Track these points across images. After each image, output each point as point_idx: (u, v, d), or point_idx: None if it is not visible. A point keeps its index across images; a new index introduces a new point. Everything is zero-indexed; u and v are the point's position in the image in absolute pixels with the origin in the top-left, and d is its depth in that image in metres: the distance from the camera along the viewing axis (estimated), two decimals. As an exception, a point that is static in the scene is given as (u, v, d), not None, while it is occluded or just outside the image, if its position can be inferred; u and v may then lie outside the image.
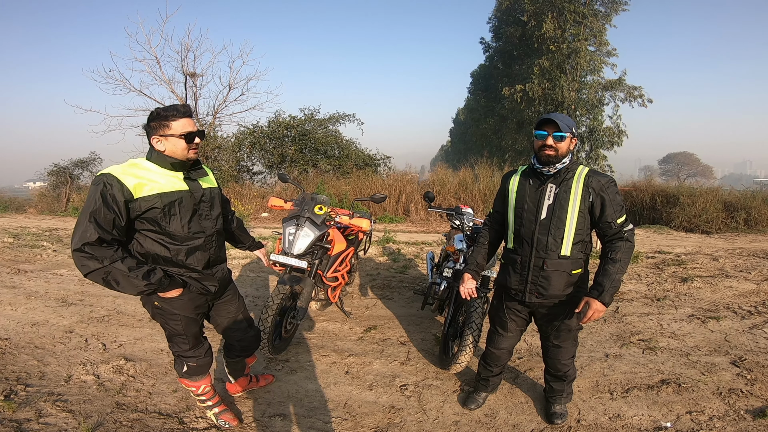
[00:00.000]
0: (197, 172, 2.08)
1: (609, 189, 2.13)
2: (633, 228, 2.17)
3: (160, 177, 1.93)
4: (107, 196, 1.80)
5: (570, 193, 2.15)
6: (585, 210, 2.15)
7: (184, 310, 2.11)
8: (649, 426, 2.46)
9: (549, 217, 2.18)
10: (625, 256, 2.13)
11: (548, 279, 2.23)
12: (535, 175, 2.25)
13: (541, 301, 2.30)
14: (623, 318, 4.16)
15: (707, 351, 3.42)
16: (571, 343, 2.42)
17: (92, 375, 3.01)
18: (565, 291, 2.25)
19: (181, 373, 2.31)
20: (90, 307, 4.41)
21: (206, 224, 2.10)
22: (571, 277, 2.23)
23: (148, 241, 1.96)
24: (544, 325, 2.42)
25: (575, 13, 23.90)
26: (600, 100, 24.88)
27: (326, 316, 4.16)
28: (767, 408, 2.57)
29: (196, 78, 12.91)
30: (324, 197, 3.46)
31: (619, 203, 2.14)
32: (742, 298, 4.78)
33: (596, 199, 2.14)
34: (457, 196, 11.22)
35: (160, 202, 1.90)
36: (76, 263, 1.80)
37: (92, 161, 15.38)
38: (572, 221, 2.15)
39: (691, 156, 54.74)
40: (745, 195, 11.18)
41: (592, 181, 2.14)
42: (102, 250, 1.79)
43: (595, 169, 2.28)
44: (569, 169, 2.18)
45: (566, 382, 2.52)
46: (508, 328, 2.49)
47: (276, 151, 13.83)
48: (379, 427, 2.49)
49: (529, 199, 2.24)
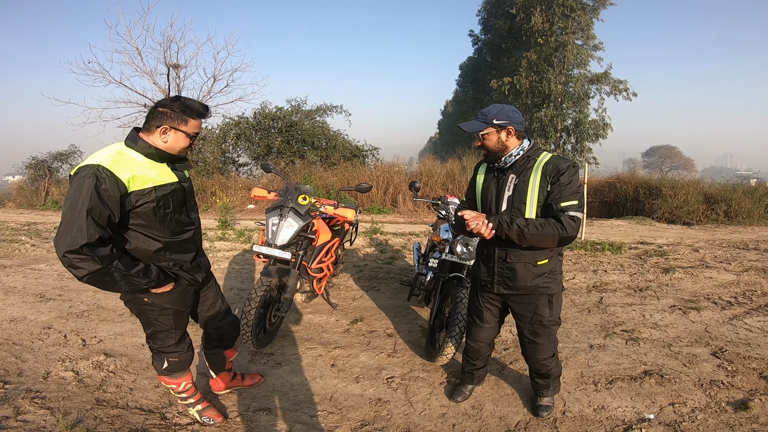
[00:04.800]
0: (183, 165, 2.01)
1: (562, 173, 2.04)
2: (576, 217, 2.01)
3: (148, 169, 1.83)
4: (101, 192, 1.67)
5: (528, 183, 2.09)
6: (543, 199, 2.08)
7: (175, 304, 2.06)
8: (632, 418, 2.49)
9: (508, 209, 2.14)
10: (545, 225, 1.99)
11: (513, 270, 2.20)
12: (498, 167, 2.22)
13: (509, 292, 2.27)
14: (607, 309, 4.21)
15: (688, 342, 3.48)
16: (547, 339, 2.35)
17: (71, 371, 2.93)
18: (533, 282, 2.19)
19: (160, 371, 2.22)
20: (69, 302, 4.30)
21: (194, 216, 2.10)
22: (537, 267, 2.18)
23: (139, 237, 1.86)
24: (518, 317, 2.38)
25: (563, 7, 24.01)
26: (586, 94, 25.15)
27: (312, 308, 4.12)
28: (748, 400, 2.61)
29: (179, 69, 12.62)
30: (308, 187, 3.41)
31: (569, 188, 2.03)
32: (722, 288, 4.88)
33: (550, 185, 2.07)
34: (444, 187, 11.25)
35: (155, 196, 1.82)
36: (71, 265, 1.65)
37: (71, 154, 15.04)
38: (531, 212, 2.09)
39: (673, 149, 55.76)
40: (726, 187, 11.45)
41: (549, 168, 2.07)
42: (101, 250, 1.67)
43: (559, 156, 2.16)
44: (530, 157, 2.13)
45: (551, 378, 2.49)
46: (485, 318, 2.47)
47: (262, 143, 13.67)
48: (365, 420, 2.48)
49: (491, 189, 2.22)
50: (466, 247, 3.04)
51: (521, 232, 1.99)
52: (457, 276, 3.08)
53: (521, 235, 2.00)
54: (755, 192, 11.05)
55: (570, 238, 2.01)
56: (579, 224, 2.02)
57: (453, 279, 3.07)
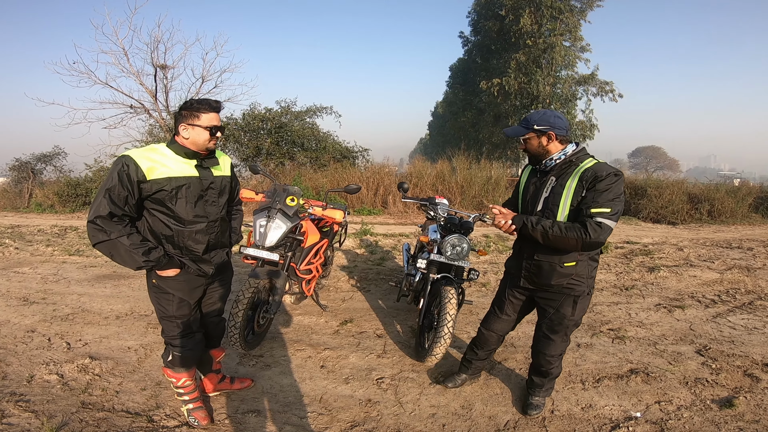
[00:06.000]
0: (209, 161, 2.21)
1: (600, 180, 2.05)
2: (604, 224, 2.01)
3: (172, 163, 2.07)
4: (123, 176, 1.95)
5: (564, 186, 2.15)
6: (577, 203, 2.11)
7: (178, 291, 2.18)
8: (619, 416, 2.52)
9: (543, 210, 2.22)
10: (570, 228, 2.05)
11: (539, 268, 2.29)
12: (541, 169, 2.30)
13: (534, 287, 2.38)
14: (594, 307, 4.26)
15: (673, 340, 3.53)
16: (561, 337, 2.40)
17: (56, 374, 2.89)
18: (557, 281, 2.25)
19: (165, 362, 2.33)
20: (53, 305, 4.23)
21: (211, 210, 2.22)
22: (563, 269, 2.22)
23: (155, 221, 2.10)
24: (541, 312, 2.46)
25: (552, 8, 24.21)
26: (573, 95, 25.38)
27: (302, 310, 4.11)
28: (733, 398, 2.66)
29: (166, 70, 12.44)
30: (296, 188, 3.40)
31: (605, 195, 2.03)
32: (706, 287, 4.97)
33: (586, 191, 2.09)
34: (434, 188, 11.28)
35: (168, 185, 2.03)
36: (89, 233, 1.98)
37: (56, 155, 14.78)
38: (563, 215, 2.14)
39: (658, 150, 56.71)
40: (709, 187, 11.67)
41: (587, 174, 2.09)
42: (111, 224, 1.94)
43: (603, 163, 2.17)
44: (572, 162, 2.18)
45: (548, 378, 2.53)
46: (505, 310, 2.56)
47: (251, 144, 13.55)
48: (355, 421, 2.48)
49: (531, 190, 2.32)
50: (454, 247, 3.05)
51: (545, 233, 2.10)
52: (445, 276, 3.09)
53: (545, 236, 2.11)
54: (738, 192, 11.29)
55: (595, 244, 2.05)
56: (606, 231, 2.02)
57: (441, 279, 3.08)
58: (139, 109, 12.49)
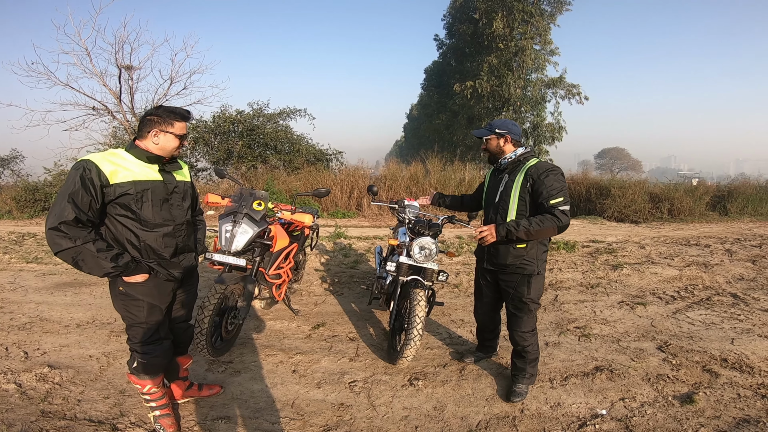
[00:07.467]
0: (172, 166, 2.22)
1: (546, 176, 2.49)
2: (566, 210, 2.46)
3: (134, 166, 2.05)
4: (86, 180, 1.91)
5: (514, 182, 2.61)
6: (525, 195, 2.57)
7: (148, 296, 2.15)
8: (586, 414, 2.59)
9: (499, 201, 2.69)
10: (543, 221, 2.45)
11: (497, 250, 2.69)
12: (497, 168, 2.77)
13: (494, 268, 2.77)
14: (561, 306, 4.38)
15: (636, 337, 3.67)
16: (526, 314, 2.72)
17: (13, 383, 2.78)
18: (512, 261, 2.65)
19: (130, 368, 2.29)
20: (10, 314, 4.03)
21: (176, 213, 2.21)
22: (516, 249, 2.64)
23: (119, 226, 2.06)
24: (504, 294, 2.81)
25: (523, 12, 24.74)
26: (543, 97, 26.02)
27: (273, 315, 4.06)
28: (693, 393, 2.76)
29: (132, 71, 12.02)
30: (263, 192, 3.35)
31: (555, 188, 2.47)
32: (666, 283, 5.19)
33: (533, 185, 2.53)
34: (408, 191, 11.34)
35: (133, 189, 2.01)
36: (50, 241, 1.89)
37: (13, 159, 14.14)
38: (513, 203, 2.61)
39: (622, 151, 58.75)
40: (669, 187, 12.20)
41: (531, 170, 2.56)
42: (76, 230, 1.89)
43: (544, 161, 2.67)
44: (521, 161, 2.66)
45: (527, 361, 2.77)
46: (483, 293, 2.99)
47: (222, 147, 13.26)
48: (328, 426, 2.46)
49: (491, 186, 2.82)
50: (422, 249, 3.08)
51: (528, 230, 2.47)
52: (414, 278, 3.12)
53: (529, 233, 2.47)
54: (695, 191, 11.84)
55: (566, 227, 2.48)
56: (569, 216, 2.48)
57: (411, 282, 3.11)
58: (102, 111, 12.02)
